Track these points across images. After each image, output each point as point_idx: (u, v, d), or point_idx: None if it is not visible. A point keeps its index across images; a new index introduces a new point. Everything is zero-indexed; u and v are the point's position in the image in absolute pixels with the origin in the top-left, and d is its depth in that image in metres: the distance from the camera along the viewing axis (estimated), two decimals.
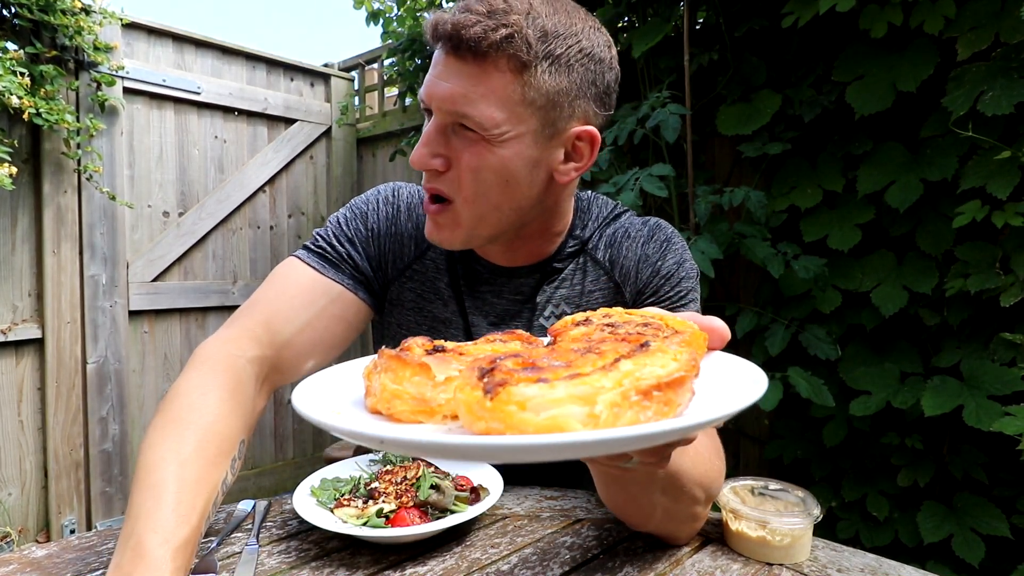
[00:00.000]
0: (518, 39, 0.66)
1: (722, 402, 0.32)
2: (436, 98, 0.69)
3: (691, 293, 0.85)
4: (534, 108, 0.69)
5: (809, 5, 1.61)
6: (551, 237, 0.85)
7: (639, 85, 2.15)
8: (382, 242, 0.87)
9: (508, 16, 0.66)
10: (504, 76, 0.67)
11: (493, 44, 0.65)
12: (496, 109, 0.68)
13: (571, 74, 0.70)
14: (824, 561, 0.65)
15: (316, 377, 0.41)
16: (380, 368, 0.36)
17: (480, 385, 0.28)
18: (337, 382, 0.41)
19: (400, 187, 0.91)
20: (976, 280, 1.48)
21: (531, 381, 0.27)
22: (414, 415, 0.34)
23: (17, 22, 2.29)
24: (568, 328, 0.42)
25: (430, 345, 0.39)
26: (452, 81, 0.68)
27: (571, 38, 0.70)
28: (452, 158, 0.71)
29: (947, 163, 1.54)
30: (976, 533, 1.48)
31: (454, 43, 0.67)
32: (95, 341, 2.63)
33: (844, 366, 1.71)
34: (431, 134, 0.71)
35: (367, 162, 3.59)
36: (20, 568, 0.64)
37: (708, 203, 1.76)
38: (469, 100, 0.67)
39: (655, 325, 0.40)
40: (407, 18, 3.05)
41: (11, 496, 2.45)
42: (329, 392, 0.39)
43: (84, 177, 2.54)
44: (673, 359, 0.31)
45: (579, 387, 0.27)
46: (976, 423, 1.38)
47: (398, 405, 0.34)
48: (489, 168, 0.71)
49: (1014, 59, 1.41)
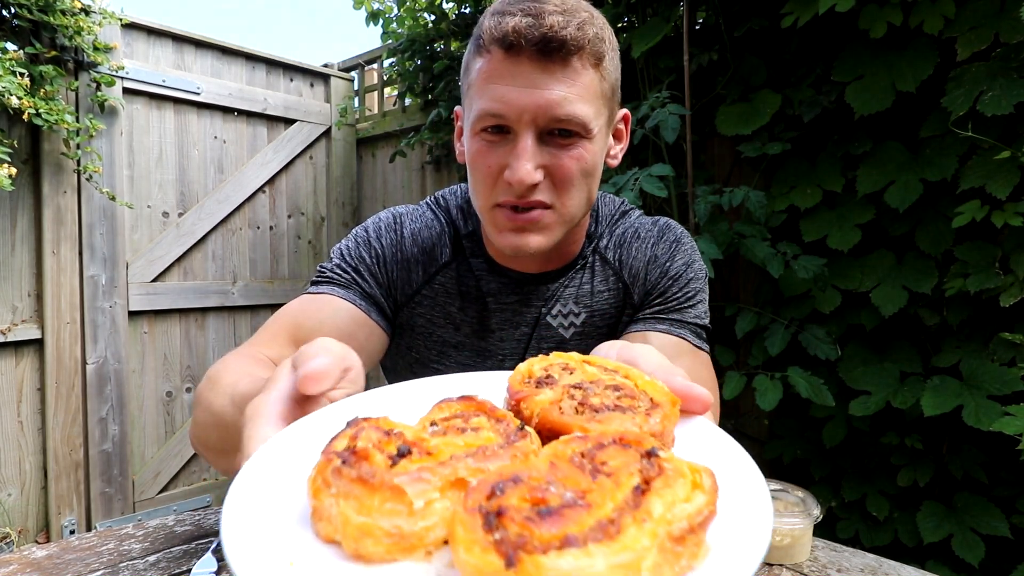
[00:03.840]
0: (599, 34, 0.68)
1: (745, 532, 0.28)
2: (532, 108, 0.67)
3: (699, 294, 0.86)
4: (606, 99, 0.72)
5: (809, 5, 1.61)
6: (582, 234, 0.86)
7: (639, 85, 2.14)
8: (389, 268, 0.85)
9: (580, 13, 0.68)
10: (589, 72, 0.68)
11: (585, 42, 0.66)
12: (589, 106, 0.69)
13: (616, 59, 0.73)
14: (824, 561, 0.65)
15: (245, 479, 0.32)
16: (338, 492, 0.28)
17: (491, 545, 0.24)
18: (272, 481, 0.32)
19: (400, 213, 0.89)
20: (976, 280, 1.48)
21: (557, 541, 0.23)
22: (390, 554, 0.28)
23: (17, 22, 2.29)
24: (531, 391, 0.39)
25: (390, 445, 0.31)
26: (546, 87, 0.66)
27: (607, 26, 0.72)
28: (550, 165, 0.70)
29: (947, 163, 1.54)
30: (976, 533, 1.48)
31: (543, 47, 0.65)
32: (95, 341, 2.63)
33: (844, 366, 1.71)
34: (529, 147, 0.68)
35: (367, 162, 3.59)
36: (20, 568, 0.64)
37: (708, 203, 1.76)
38: (569, 101, 0.67)
39: (627, 391, 0.38)
40: (407, 18, 3.05)
41: (11, 496, 2.45)
42: (265, 504, 0.31)
43: (84, 177, 2.54)
44: (694, 485, 0.28)
45: (620, 555, 0.23)
46: (976, 423, 1.38)
47: (369, 545, 0.27)
48: (585, 166, 0.71)
49: (1013, 59, 1.41)
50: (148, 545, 0.69)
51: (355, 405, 0.40)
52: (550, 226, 0.73)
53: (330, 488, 0.28)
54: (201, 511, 0.79)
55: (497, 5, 0.70)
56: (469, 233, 0.87)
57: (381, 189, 3.53)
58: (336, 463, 0.29)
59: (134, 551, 0.68)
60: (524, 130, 0.68)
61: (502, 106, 0.68)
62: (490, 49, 0.68)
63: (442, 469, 0.29)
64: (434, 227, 0.87)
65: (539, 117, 0.67)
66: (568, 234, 0.79)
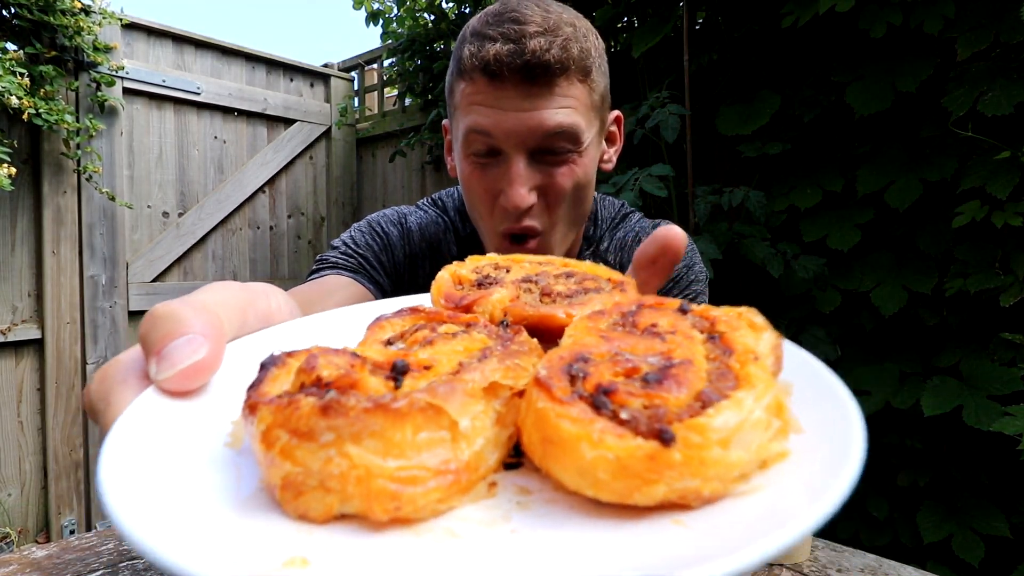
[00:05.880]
0: (583, 48, 0.67)
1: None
2: (521, 131, 0.66)
3: (699, 296, 0.86)
4: (596, 109, 0.71)
5: (809, 5, 1.61)
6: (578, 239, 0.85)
7: (639, 85, 2.14)
8: (396, 256, 0.84)
9: (562, 29, 0.66)
10: (576, 88, 0.68)
11: (571, 63, 0.65)
12: (580, 118, 0.68)
13: (602, 66, 0.72)
14: (824, 561, 0.65)
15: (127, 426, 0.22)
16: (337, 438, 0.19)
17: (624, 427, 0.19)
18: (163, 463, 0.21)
19: (401, 210, 0.89)
20: (976, 280, 1.48)
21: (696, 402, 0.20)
22: (444, 502, 0.20)
23: (17, 22, 2.29)
24: (479, 293, 0.32)
25: (384, 360, 0.23)
26: (533, 108, 0.66)
27: (591, 32, 0.71)
28: (543, 185, 0.69)
29: (947, 163, 1.54)
30: (976, 533, 1.48)
31: (525, 74, 0.64)
32: (95, 341, 2.63)
33: (844, 366, 1.71)
34: (522, 172, 0.68)
35: (366, 162, 3.59)
36: (20, 568, 0.64)
37: (708, 203, 1.76)
38: (557, 119, 0.66)
39: (580, 275, 0.36)
40: (407, 18, 3.05)
41: (11, 496, 2.45)
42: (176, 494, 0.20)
43: (84, 177, 2.53)
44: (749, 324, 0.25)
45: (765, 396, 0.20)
46: (976, 423, 1.38)
47: (415, 497, 0.19)
48: (578, 182, 0.70)
49: (1014, 59, 1.41)
50: None
51: (243, 348, 0.29)
52: (545, 251, 0.73)
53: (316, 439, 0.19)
54: None
55: (476, 24, 0.69)
56: (468, 235, 0.88)
57: (381, 189, 3.52)
58: (310, 402, 0.20)
59: (134, 551, 0.68)
60: (515, 153, 0.68)
61: (490, 128, 0.67)
62: (472, 76, 0.68)
63: (468, 375, 0.21)
64: (439, 223, 0.88)
65: (528, 139, 0.67)
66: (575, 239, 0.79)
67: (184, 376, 0.24)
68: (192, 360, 0.24)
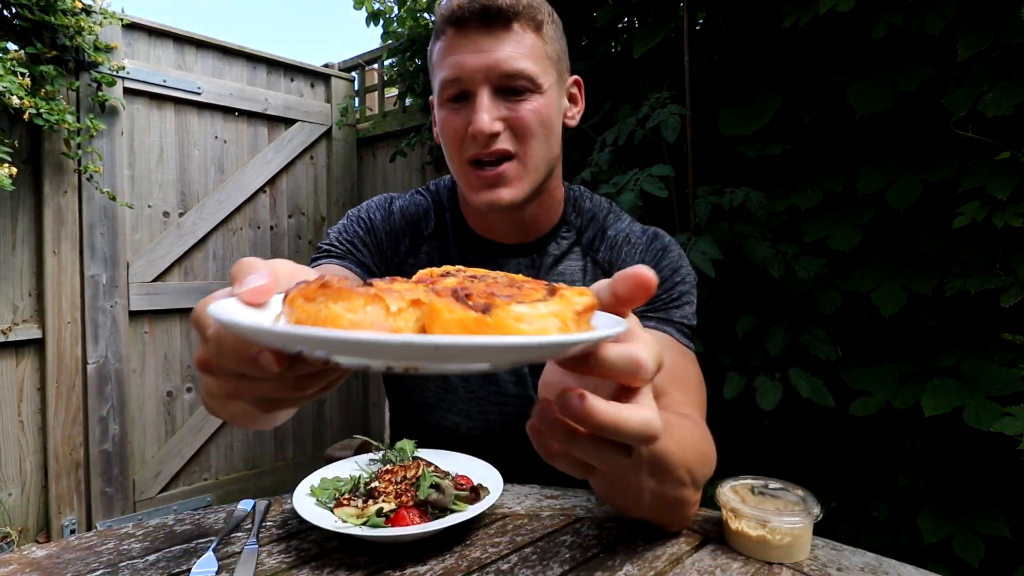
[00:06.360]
0: (532, 3, 0.79)
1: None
2: (483, 68, 0.77)
3: (685, 296, 0.89)
4: (551, 62, 0.82)
5: (809, 6, 1.61)
6: (554, 206, 0.93)
7: (639, 86, 2.14)
8: (379, 238, 0.94)
9: None
10: (530, 35, 0.79)
11: (520, 8, 0.77)
12: (534, 63, 0.79)
13: (558, 31, 0.85)
14: (824, 560, 0.65)
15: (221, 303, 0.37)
16: (327, 299, 0.33)
17: (467, 308, 0.31)
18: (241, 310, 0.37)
19: (393, 196, 0.99)
20: (976, 280, 1.48)
21: (513, 302, 0.33)
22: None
23: (18, 22, 2.29)
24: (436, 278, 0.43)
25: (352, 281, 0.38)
26: (492, 48, 0.77)
27: (545, 5, 0.84)
28: (508, 117, 0.79)
29: (947, 163, 1.54)
30: (976, 533, 1.48)
31: (484, 16, 0.76)
32: (95, 341, 2.63)
33: (844, 366, 1.71)
34: (486, 101, 0.77)
35: (367, 163, 3.59)
36: (20, 568, 0.64)
37: (708, 203, 1.76)
38: (514, 59, 0.77)
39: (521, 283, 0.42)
40: (407, 18, 3.05)
41: (11, 496, 2.45)
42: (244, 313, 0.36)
43: (84, 177, 2.54)
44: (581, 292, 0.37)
45: (555, 306, 0.34)
46: (976, 423, 1.38)
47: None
48: (541, 118, 0.80)
49: (1014, 60, 1.41)
50: (148, 545, 0.69)
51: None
52: (518, 177, 0.81)
53: (315, 301, 0.33)
54: (201, 511, 0.79)
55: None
56: (452, 207, 0.97)
57: (381, 189, 3.52)
58: (315, 283, 0.34)
59: (134, 551, 0.68)
60: (480, 88, 0.78)
61: (458, 71, 0.78)
62: (444, 30, 0.80)
63: (406, 292, 0.35)
64: (421, 204, 0.97)
65: (490, 75, 0.77)
66: (539, 197, 0.87)
67: (254, 292, 0.37)
68: (259, 284, 0.37)
